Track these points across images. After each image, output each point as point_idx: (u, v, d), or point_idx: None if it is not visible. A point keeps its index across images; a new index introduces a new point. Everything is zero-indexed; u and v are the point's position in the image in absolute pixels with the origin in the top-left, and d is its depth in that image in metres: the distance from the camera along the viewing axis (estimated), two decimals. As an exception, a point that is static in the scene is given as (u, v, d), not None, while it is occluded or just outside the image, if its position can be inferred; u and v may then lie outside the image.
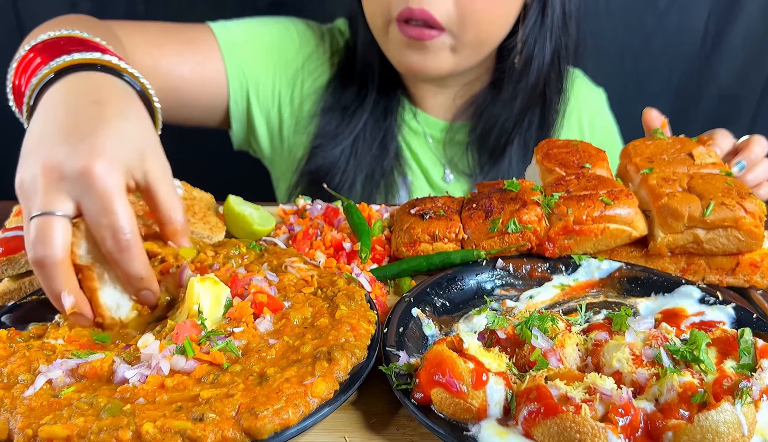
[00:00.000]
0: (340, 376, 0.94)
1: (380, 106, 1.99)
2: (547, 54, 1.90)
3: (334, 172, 1.97)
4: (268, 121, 2.05)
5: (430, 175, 2.06)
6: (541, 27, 1.87)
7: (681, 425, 0.82)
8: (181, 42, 1.89)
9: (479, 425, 0.88)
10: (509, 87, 1.94)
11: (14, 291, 1.29)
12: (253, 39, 1.98)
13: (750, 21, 2.56)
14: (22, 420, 0.87)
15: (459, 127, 2.06)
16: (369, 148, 1.97)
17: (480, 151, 2.02)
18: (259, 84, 1.99)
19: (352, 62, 2.01)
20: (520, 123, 1.97)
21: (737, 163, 1.48)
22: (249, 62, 1.96)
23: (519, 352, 0.98)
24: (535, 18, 1.86)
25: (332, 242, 1.37)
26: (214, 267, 1.18)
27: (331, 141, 1.97)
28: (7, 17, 2.35)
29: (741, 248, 1.28)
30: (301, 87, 2.03)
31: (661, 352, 0.94)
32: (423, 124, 2.06)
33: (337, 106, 1.99)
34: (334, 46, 2.07)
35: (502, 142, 1.98)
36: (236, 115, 2.02)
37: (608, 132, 2.23)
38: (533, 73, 1.91)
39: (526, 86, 1.93)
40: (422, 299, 1.20)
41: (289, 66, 2.02)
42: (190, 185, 1.59)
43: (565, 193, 1.34)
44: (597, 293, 1.27)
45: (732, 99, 2.70)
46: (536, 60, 1.90)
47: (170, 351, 0.97)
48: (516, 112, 1.96)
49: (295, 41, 2.02)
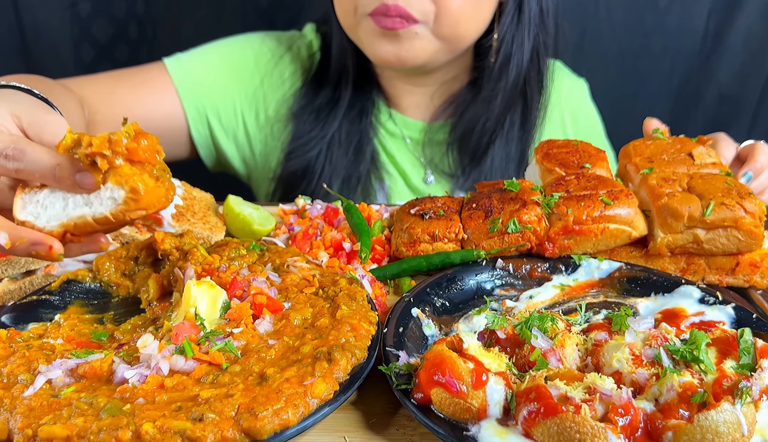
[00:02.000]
0: (339, 376, 0.94)
1: (355, 108, 1.98)
2: (525, 51, 1.90)
3: (310, 177, 1.97)
4: (236, 142, 2.07)
5: (410, 177, 2.05)
6: (518, 24, 1.87)
7: (681, 425, 0.82)
8: (134, 84, 1.92)
9: (479, 425, 0.88)
10: (489, 86, 1.94)
11: (14, 291, 1.29)
12: (206, 66, 2.00)
13: (750, 21, 2.56)
14: (21, 420, 0.87)
15: (438, 127, 2.05)
16: (345, 153, 1.96)
17: (461, 152, 2.01)
18: (218, 109, 2.01)
19: (324, 66, 2.01)
20: (502, 122, 1.97)
21: (744, 174, 1.48)
22: (204, 90, 1.98)
23: (519, 352, 0.98)
24: (512, 16, 1.86)
25: (332, 242, 1.37)
26: (221, 269, 1.18)
27: (305, 145, 1.97)
28: (7, 17, 2.35)
29: (741, 248, 1.28)
30: (265, 101, 2.04)
31: (661, 352, 0.94)
32: (400, 125, 2.05)
33: (309, 110, 1.99)
34: (301, 53, 2.07)
35: (484, 142, 1.97)
36: (201, 141, 2.04)
37: (591, 124, 2.24)
38: (513, 71, 1.91)
39: (506, 85, 1.92)
40: (422, 299, 1.20)
41: (248, 85, 2.03)
42: (190, 185, 1.59)
43: (565, 193, 1.34)
44: (597, 293, 1.27)
45: (732, 99, 2.70)
46: (515, 58, 1.89)
47: (170, 351, 0.98)
48: (497, 111, 1.95)
49: (251, 59, 2.03)
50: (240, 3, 2.52)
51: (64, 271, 1.30)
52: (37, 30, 2.38)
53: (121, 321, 1.17)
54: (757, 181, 1.49)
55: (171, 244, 1.25)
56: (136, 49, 2.53)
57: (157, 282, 1.21)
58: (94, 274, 1.29)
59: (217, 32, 2.46)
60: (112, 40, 2.48)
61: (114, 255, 1.29)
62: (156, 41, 2.54)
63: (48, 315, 1.19)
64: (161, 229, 1.35)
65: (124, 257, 1.29)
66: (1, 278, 1.29)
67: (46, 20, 2.37)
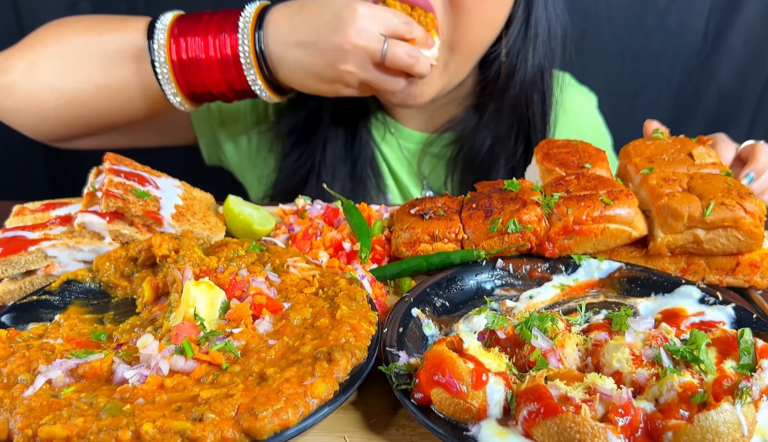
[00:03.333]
0: (339, 376, 0.94)
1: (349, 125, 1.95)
2: (529, 66, 1.86)
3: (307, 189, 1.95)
4: (236, 128, 2.07)
5: (410, 191, 2.03)
6: (525, 38, 1.84)
7: (681, 425, 0.82)
8: None
9: (479, 425, 0.88)
10: (492, 99, 1.89)
11: (14, 291, 1.29)
12: None
13: (750, 21, 2.56)
14: (21, 420, 0.87)
15: (437, 139, 2.01)
16: (339, 174, 1.94)
17: (465, 170, 1.97)
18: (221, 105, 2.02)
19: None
20: (507, 138, 1.92)
21: (746, 175, 1.48)
22: None
23: (519, 352, 0.98)
24: (519, 27, 1.83)
25: (332, 242, 1.37)
26: (218, 269, 1.18)
27: (295, 172, 1.95)
28: (7, 17, 2.35)
29: (741, 248, 1.28)
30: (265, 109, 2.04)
31: (661, 352, 0.94)
32: (398, 136, 2.01)
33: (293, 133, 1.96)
34: None
35: (488, 158, 1.93)
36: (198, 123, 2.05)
37: (599, 138, 2.19)
38: (515, 87, 1.86)
39: (508, 102, 1.88)
40: (422, 299, 1.20)
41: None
42: (190, 185, 1.59)
43: (565, 193, 1.34)
44: (597, 293, 1.27)
45: (732, 99, 2.71)
46: (519, 72, 1.85)
47: (169, 351, 0.98)
48: (500, 126, 1.91)
49: None
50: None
51: (64, 271, 1.30)
52: (37, 30, 2.38)
53: (121, 321, 1.17)
54: (758, 181, 1.49)
55: (169, 248, 1.24)
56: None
57: (151, 285, 1.21)
58: (93, 274, 1.29)
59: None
60: (112, 40, 2.48)
61: (114, 255, 1.29)
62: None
63: (48, 315, 1.19)
64: (161, 229, 1.35)
65: (124, 257, 1.29)
66: (1, 278, 1.29)
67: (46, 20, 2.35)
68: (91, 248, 1.32)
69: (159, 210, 1.36)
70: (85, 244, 1.31)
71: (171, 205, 1.41)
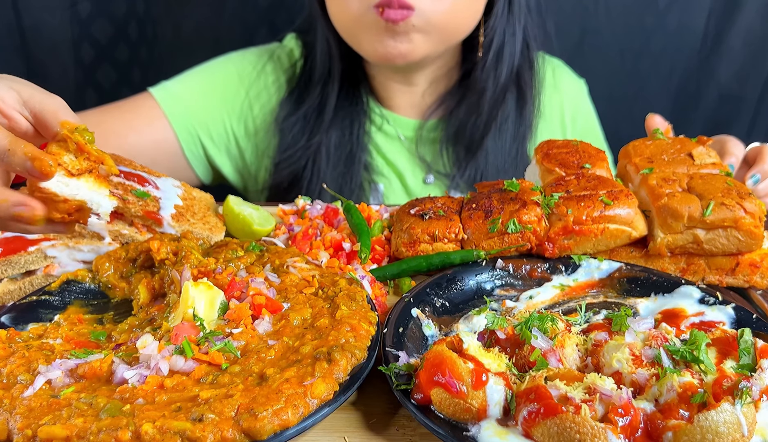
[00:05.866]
0: (339, 376, 0.94)
1: (343, 113, 1.99)
2: (518, 42, 1.92)
3: (299, 187, 1.98)
4: (230, 155, 2.09)
5: (405, 178, 2.05)
6: (509, 16, 1.90)
7: (681, 425, 0.82)
8: (122, 114, 1.94)
9: (479, 425, 0.88)
10: (482, 79, 1.95)
11: (14, 291, 1.29)
12: (191, 89, 2.02)
13: (750, 21, 2.56)
14: (21, 420, 0.87)
15: (431, 125, 2.06)
16: (336, 159, 1.97)
17: (456, 147, 2.02)
18: (209, 127, 2.03)
19: (307, 72, 2.02)
20: (495, 115, 1.98)
21: (752, 176, 1.49)
22: (193, 111, 2.00)
23: (519, 352, 0.98)
24: (503, 7, 1.89)
25: (332, 243, 1.37)
26: (217, 270, 1.18)
27: (292, 156, 1.98)
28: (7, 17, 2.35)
29: (741, 248, 1.28)
30: (252, 112, 2.05)
31: (661, 352, 0.94)
32: (394, 124, 2.05)
33: (294, 120, 1.99)
34: (283, 62, 2.08)
35: (478, 134, 1.98)
36: (196, 162, 2.05)
37: (590, 124, 2.25)
38: (506, 62, 1.92)
39: (498, 78, 1.94)
40: (422, 299, 1.20)
41: (234, 101, 2.04)
42: (190, 186, 1.59)
43: (564, 194, 1.34)
44: (597, 293, 1.27)
45: (732, 99, 2.70)
46: (507, 49, 1.91)
47: (169, 352, 0.97)
48: (489, 104, 1.96)
49: (234, 77, 2.05)
50: (240, 3, 2.52)
51: (63, 271, 1.30)
52: (37, 30, 2.38)
53: (120, 322, 1.17)
54: (764, 183, 1.50)
55: (167, 251, 1.24)
56: (136, 49, 2.52)
57: (147, 287, 1.21)
58: (93, 274, 1.29)
59: (217, 32, 2.46)
60: (112, 40, 2.48)
61: (113, 256, 1.29)
62: (156, 41, 2.54)
63: (47, 315, 1.19)
64: (161, 229, 1.35)
65: (123, 257, 1.29)
66: (1, 278, 1.28)
67: (46, 20, 2.36)
68: (90, 248, 1.32)
69: (159, 210, 1.36)
70: (84, 244, 1.32)
71: (171, 206, 1.41)
